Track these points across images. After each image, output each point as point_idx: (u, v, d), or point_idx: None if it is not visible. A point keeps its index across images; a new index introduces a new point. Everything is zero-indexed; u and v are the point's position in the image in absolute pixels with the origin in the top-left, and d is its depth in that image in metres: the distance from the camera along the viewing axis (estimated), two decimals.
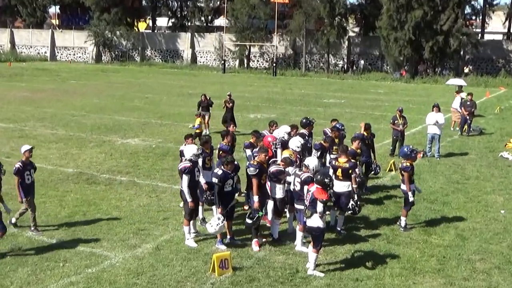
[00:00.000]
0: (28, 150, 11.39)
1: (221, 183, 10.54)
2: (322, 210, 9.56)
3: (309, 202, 9.79)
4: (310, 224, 9.83)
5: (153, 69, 60.16)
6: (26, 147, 11.48)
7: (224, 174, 10.59)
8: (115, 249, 10.76)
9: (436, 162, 18.53)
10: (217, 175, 10.64)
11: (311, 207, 9.73)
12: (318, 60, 61.56)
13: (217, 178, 10.58)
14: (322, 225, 9.71)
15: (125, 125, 24.85)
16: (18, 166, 11.15)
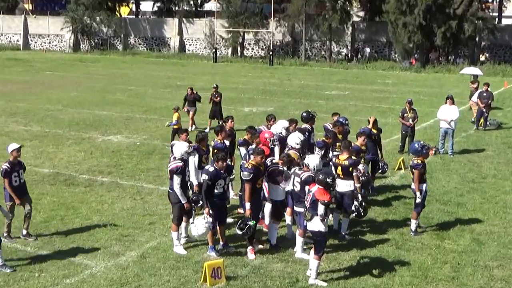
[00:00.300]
0: (16, 149, 11.29)
1: (211, 182, 10.54)
2: (323, 212, 9.56)
3: (309, 203, 9.80)
4: (310, 227, 9.84)
5: (137, 58, 60.07)
6: (13, 145, 11.38)
7: (215, 172, 10.60)
8: (96, 257, 10.75)
9: (449, 159, 18.58)
10: (208, 172, 10.64)
11: (312, 209, 9.73)
12: (319, 48, 61.56)
13: (208, 175, 10.59)
14: (323, 228, 9.72)
15: (106, 120, 24.82)
16: (5, 167, 11.09)
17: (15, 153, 11.27)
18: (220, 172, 10.64)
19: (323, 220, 9.65)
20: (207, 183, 10.55)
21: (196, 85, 36.71)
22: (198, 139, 12.16)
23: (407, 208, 13.54)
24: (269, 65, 53.99)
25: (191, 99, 22.96)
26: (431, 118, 25.46)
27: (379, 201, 14.21)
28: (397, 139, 20.45)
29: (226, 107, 28.40)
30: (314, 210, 9.68)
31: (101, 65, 52.60)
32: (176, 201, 10.94)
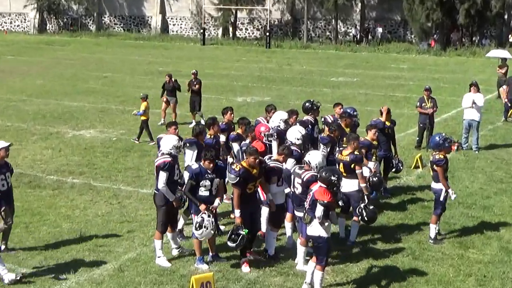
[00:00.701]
0: (4, 148, 11.00)
1: (194, 181, 10.55)
2: (321, 214, 9.58)
3: (309, 204, 9.82)
4: (310, 232, 9.86)
5: (113, 40, 59.97)
6: (1, 143, 11.12)
7: (199, 171, 10.61)
8: (66, 270, 10.72)
9: (474, 156, 18.62)
10: (191, 170, 10.67)
11: (311, 211, 9.76)
12: (324, 28, 61.53)
13: (190, 173, 10.61)
14: (324, 233, 9.73)
15: (77, 112, 24.79)
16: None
17: (2, 152, 10.93)
18: (206, 171, 10.63)
19: (322, 223, 9.66)
20: (190, 183, 10.58)
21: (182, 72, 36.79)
22: (195, 132, 12.19)
23: (425, 212, 13.56)
24: (266, 48, 53.96)
25: (170, 88, 22.78)
26: (452, 109, 25.51)
27: (393, 204, 14.23)
28: (414, 133, 20.48)
29: (217, 96, 28.49)
30: (313, 212, 9.71)
31: (71, 48, 52.49)
32: (162, 204, 10.93)
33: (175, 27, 66.27)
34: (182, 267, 10.88)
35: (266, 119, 13.81)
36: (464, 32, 54.79)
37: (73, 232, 12.42)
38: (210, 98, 28.06)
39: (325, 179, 9.72)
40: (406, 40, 57.76)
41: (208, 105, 26.38)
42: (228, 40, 59.78)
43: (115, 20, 68.35)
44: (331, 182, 9.70)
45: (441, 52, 50.01)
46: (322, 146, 13.02)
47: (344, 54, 50.14)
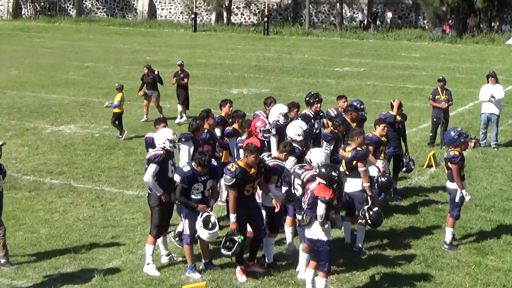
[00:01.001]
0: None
1: (185, 185, 10.58)
2: (323, 212, 9.63)
3: (307, 203, 9.86)
4: (309, 235, 9.92)
5: (95, 27, 59.90)
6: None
7: (191, 173, 10.64)
8: (44, 280, 10.74)
9: (492, 153, 18.65)
10: (182, 172, 10.69)
11: (310, 211, 9.81)
12: (328, 12, 61.50)
13: (181, 176, 10.64)
14: (324, 236, 9.78)
15: (56, 106, 24.79)
16: None
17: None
18: (199, 174, 10.65)
19: (323, 224, 9.70)
20: (182, 186, 10.61)
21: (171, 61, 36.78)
22: (192, 128, 12.22)
23: (439, 216, 13.60)
24: (264, 35, 53.95)
25: (150, 81, 22.45)
26: (469, 101, 25.54)
27: (404, 207, 14.26)
28: (427, 128, 20.51)
29: (210, 88, 28.52)
30: (313, 213, 9.75)
31: (49, 35, 52.44)
32: (156, 204, 10.99)
33: (163, 12, 66.17)
34: (172, 276, 10.90)
35: (265, 113, 13.81)
36: (482, 17, 54.76)
37: (52, 238, 12.43)
38: (203, 90, 28.10)
39: (325, 175, 9.78)
40: (418, 26, 57.72)
41: (200, 98, 26.45)
42: (222, 26, 59.71)
43: (98, 4, 68.21)
44: (332, 178, 9.75)
45: (457, 39, 50.00)
46: (325, 143, 13.02)
47: (350, 42, 50.15)
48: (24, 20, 65.86)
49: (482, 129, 19.35)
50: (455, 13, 52.49)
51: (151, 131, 13.16)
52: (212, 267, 11.08)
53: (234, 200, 10.55)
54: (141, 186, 15.37)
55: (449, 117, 19.38)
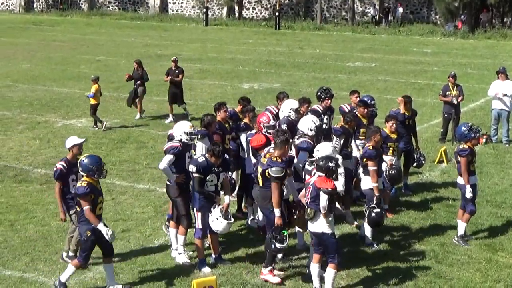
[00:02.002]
0: (78, 145, 10.96)
1: (201, 175, 10.58)
2: (326, 204, 9.67)
3: (310, 197, 9.89)
4: (312, 228, 9.94)
5: (107, 21, 59.99)
6: (74, 140, 11.01)
7: (206, 164, 10.66)
8: (55, 273, 10.77)
9: (504, 149, 18.59)
10: (197, 163, 10.70)
11: (314, 204, 9.83)
12: (339, 7, 61.37)
13: (196, 167, 10.65)
14: (328, 229, 9.80)
15: (67, 100, 24.83)
16: (60, 166, 10.84)
17: (75, 149, 10.94)
18: (213, 165, 10.68)
19: (326, 215, 9.73)
20: (199, 177, 10.60)
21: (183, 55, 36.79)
22: (205, 123, 12.15)
23: (450, 212, 13.57)
24: (275, 30, 53.91)
25: (138, 76, 21.91)
26: (481, 97, 25.44)
27: (415, 203, 14.23)
28: (438, 124, 20.45)
29: (221, 83, 28.53)
30: (316, 205, 9.80)
31: (61, 29, 52.54)
32: (177, 195, 11.07)
33: (175, 6, 66.19)
34: (182, 271, 10.92)
35: (277, 107, 13.81)
36: (495, 13, 54.54)
37: (63, 231, 12.40)
38: (214, 85, 28.12)
39: (323, 167, 9.84)
40: (430, 21, 57.54)
41: (211, 92, 26.48)
42: (234, 21, 59.70)
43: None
44: (329, 169, 9.80)
45: (469, 34, 49.82)
46: (336, 138, 13.01)
47: (362, 37, 50.05)
48: (36, 14, 66.04)
49: (493, 125, 19.30)
50: (468, 8, 52.28)
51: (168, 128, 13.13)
52: (222, 261, 11.10)
53: (279, 193, 10.39)
54: (151, 180, 15.40)
55: (460, 113, 19.32)
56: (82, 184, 9.87)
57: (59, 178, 10.85)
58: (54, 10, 67.53)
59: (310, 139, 11.83)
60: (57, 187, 10.87)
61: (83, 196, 9.83)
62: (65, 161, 10.94)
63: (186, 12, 65.29)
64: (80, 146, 11.02)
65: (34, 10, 68.68)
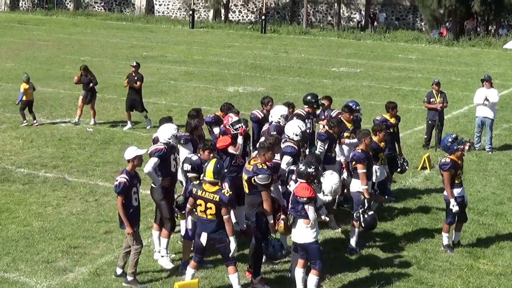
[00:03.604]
0: (139, 156, 10.48)
1: (197, 173, 10.52)
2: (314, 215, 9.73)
3: (291, 203, 9.95)
4: (295, 238, 9.96)
5: (92, 21, 59.82)
6: (134, 151, 10.49)
7: (200, 161, 10.64)
8: (36, 273, 10.73)
9: (486, 157, 18.68)
10: (191, 161, 10.68)
11: (294, 210, 9.87)
12: (325, 12, 61.52)
13: (191, 165, 10.62)
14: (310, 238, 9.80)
15: (52, 99, 24.74)
16: (123, 179, 10.28)
17: (137, 161, 10.49)
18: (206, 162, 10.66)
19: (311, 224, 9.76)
20: (195, 177, 10.51)
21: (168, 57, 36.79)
22: (191, 127, 12.03)
23: (432, 218, 13.62)
24: (261, 33, 53.95)
25: (86, 81, 21.15)
26: (464, 105, 25.58)
27: (398, 208, 14.27)
28: (422, 130, 20.53)
29: (206, 86, 28.51)
30: (296, 212, 9.84)
31: (46, 28, 52.32)
32: (161, 198, 11.02)
33: (161, 8, 66.12)
34: (164, 273, 10.90)
35: (262, 112, 13.89)
36: (479, 21, 54.86)
37: (45, 232, 12.41)
38: (199, 88, 28.10)
39: (302, 173, 9.85)
40: (416, 28, 57.81)
41: (196, 95, 26.46)
42: (220, 24, 59.70)
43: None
44: (309, 175, 9.81)
45: (454, 42, 50.11)
46: (320, 142, 13.04)
47: (347, 42, 50.18)
48: (21, 13, 65.75)
49: (476, 133, 19.39)
50: (453, 16, 52.58)
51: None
52: (204, 264, 11.08)
53: (270, 201, 10.32)
54: None
55: (444, 120, 19.40)
56: (225, 193, 9.65)
57: (123, 192, 10.32)
58: (39, 9, 67.27)
59: (295, 144, 11.85)
60: (120, 201, 10.32)
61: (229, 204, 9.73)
62: (126, 173, 10.40)
63: (172, 14, 65.23)
64: (141, 157, 10.56)
65: (19, 9, 68.39)
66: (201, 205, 9.65)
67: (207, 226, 9.71)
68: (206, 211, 9.65)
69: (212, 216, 9.62)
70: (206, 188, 9.65)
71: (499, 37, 50.65)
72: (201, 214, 9.70)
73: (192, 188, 9.75)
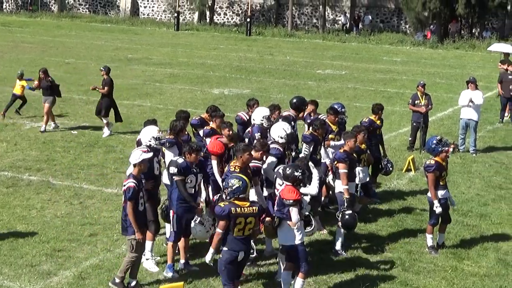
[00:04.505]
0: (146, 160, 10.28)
1: (182, 175, 10.50)
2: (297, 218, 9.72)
3: (277, 205, 9.96)
4: (281, 240, 9.98)
5: (77, 23, 59.63)
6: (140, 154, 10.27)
7: (186, 164, 10.63)
8: (20, 277, 10.68)
9: (471, 159, 18.77)
10: (177, 164, 10.65)
11: (279, 212, 9.89)
12: (310, 14, 61.60)
13: (177, 168, 10.60)
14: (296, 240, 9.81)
15: (36, 102, 24.60)
16: (133, 184, 10.05)
17: (144, 165, 10.33)
18: (192, 166, 10.65)
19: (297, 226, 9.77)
20: (181, 180, 10.50)
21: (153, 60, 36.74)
22: (176, 130, 11.96)
23: (417, 220, 13.67)
24: (246, 36, 53.96)
25: (45, 86, 20.68)
26: (449, 107, 25.69)
27: (382, 210, 14.32)
28: (406, 133, 20.60)
29: (191, 88, 28.49)
30: (282, 214, 9.84)
31: (30, 30, 52.11)
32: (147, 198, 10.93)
33: (146, 10, 66.01)
34: (149, 276, 10.88)
35: (248, 114, 13.92)
36: (464, 23, 55.11)
37: (29, 235, 12.35)
38: (184, 90, 28.07)
39: (289, 176, 9.86)
40: (400, 31, 58.00)
41: (181, 97, 26.43)
42: (205, 26, 59.66)
43: (80, 0, 67.90)
44: (295, 179, 9.82)
45: (438, 44, 50.29)
46: (305, 145, 13.06)
47: (332, 44, 50.28)
48: (5, 15, 65.41)
49: (460, 135, 19.48)
50: (437, 18, 52.77)
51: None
52: (189, 267, 11.08)
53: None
54: (120, 184, 15.27)
55: (428, 122, 19.46)
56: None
57: (133, 197, 10.08)
58: (23, 11, 66.97)
59: (281, 146, 11.88)
60: (130, 207, 10.04)
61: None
62: (133, 177, 10.21)
63: (157, 16, 65.14)
64: (147, 161, 10.41)
65: (3, 11, 68.03)
66: (241, 223, 9.33)
67: (245, 243, 9.51)
68: (246, 226, 9.39)
69: (250, 231, 9.48)
70: (242, 204, 9.39)
71: (483, 40, 50.89)
72: (238, 233, 9.38)
73: (230, 208, 9.30)
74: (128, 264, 10.26)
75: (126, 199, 10.07)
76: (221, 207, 9.31)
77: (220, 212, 9.28)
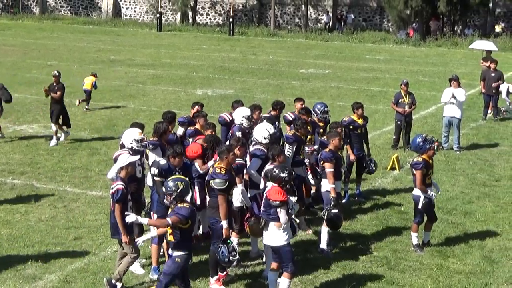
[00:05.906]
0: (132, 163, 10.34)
1: (163, 177, 10.36)
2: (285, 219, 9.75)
3: (263, 206, 9.98)
4: (266, 241, 9.98)
5: (59, 25, 59.40)
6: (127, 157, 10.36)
7: (168, 166, 10.61)
8: (5, 282, 10.64)
9: (454, 156, 18.85)
10: (159, 165, 10.63)
11: (265, 213, 9.90)
12: (293, 14, 61.66)
13: (158, 169, 10.57)
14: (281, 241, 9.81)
15: (18, 105, 24.50)
16: (121, 186, 10.05)
17: (131, 168, 10.37)
18: (175, 169, 10.62)
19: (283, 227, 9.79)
20: (161, 182, 10.39)
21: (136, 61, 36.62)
22: (159, 132, 11.82)
23: (402, 218, 13.71)
24: (229, 36, 53.95)
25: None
26: (432, 105, 25.78)
27: (367, 209, 14.35)
28: (390, 131, 20.66)
29: (174, 89, 28.45)
30: (268, 215, 9.85)
31: (12, 33, 51.84)
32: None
33: (128, 11, 65.87)
34: (135, 278, 10.86)
35: (231, 115, 13.92)
36: (445, 21, 55.34)
37: (13, 239, 12.31)
38: (167, 91, 28.02)
39: (275, 177, 9.86)
40: (383, 29, 58.16)
41: (165, 98, 26.38)
42: (187, 26, 59.59)
43: (61, 2, 67.66)
44: (282, 179, 9.83)
45: (420, 42, 50.47)
46: (288, 145, 13.07)
47: (315, 44, 50.35)
48: None
49: (444, 132, 19.54)
50: (419, 16, 53.00)
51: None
52: None
53: (226, 206, 10.26)
54: (104, 187, 15.27)
55: (411, 120, 19.50)
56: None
57: (122, 199, 10.05)
58: (4, 13, 66.64)
59: (264, 147, 11.87)
60: (118, 210, 10.01)
61: None
62: (121, 180, 10.19)
63: (140, 17, 65.01)
64: (134, 164, 10.51)
65: None
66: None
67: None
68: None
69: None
70: (186, 206, 9.50)
71: (465, 37, 51.10)
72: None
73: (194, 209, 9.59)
74: (128, 265, 10.30)
75: (114, 202, 10.05)
76: (189, 208, 9.34)
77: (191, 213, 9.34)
